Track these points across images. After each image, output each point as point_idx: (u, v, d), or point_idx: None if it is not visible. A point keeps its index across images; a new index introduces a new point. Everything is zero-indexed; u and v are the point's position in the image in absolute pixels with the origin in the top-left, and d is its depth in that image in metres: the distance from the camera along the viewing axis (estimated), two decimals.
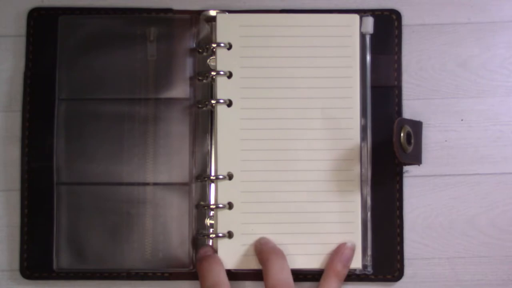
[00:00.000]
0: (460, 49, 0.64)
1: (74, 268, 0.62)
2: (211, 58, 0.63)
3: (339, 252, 0.60)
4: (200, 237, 0.62)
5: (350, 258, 0.60)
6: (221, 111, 0.62)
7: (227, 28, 0.62)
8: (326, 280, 0.59)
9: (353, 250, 0.60)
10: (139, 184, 0.62)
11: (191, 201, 0.62)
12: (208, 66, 0.63)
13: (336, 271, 0.59)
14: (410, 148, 0.60)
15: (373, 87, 0.63)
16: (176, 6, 0.64)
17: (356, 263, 0.61)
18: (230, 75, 0.62)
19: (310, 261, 0.61)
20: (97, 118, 0.62)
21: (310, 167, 0.61)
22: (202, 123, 0.63)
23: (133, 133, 0.62)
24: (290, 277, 0.58)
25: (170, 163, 0.62)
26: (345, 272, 0.60)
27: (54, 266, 0.62)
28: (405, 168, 0.63)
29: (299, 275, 0.62)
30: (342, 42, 0.62)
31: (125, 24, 0.63)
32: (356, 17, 0.62)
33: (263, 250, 0.59)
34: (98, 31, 0.63)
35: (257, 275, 0.62)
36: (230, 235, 0.61)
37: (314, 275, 0.62)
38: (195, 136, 0.62)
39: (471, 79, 0.64)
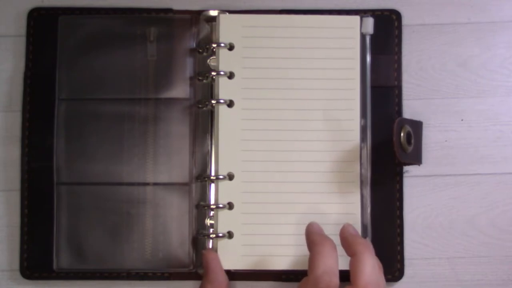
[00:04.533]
0: (460, 49, 0.64)
1: (74, 268, 0.62)
2: (211, 58, 0.63)
3: (345, 231, 0.58)
4: (200, 237, 0.62)
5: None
6: (222, 112, 0.62)
7: (229, 28, 0.62)
8: (359, 257, 0.55)
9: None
10: (139, 184, 0.62)
11: (191, 201, 0.62)
12: (208, 66, 0.63)
13: (365, 245, 0.56)
14: (410, 148, 0.60)
15: (373, 87, 0.63)
16: (176, 6, 0.64)
17: None
18: (231, 76, 0.62)
19: None
20: (97, 118, 0.62)
21: (310, 168, 0.61)
22: (202, 123, 0.63)
23: (133, 133, 0.62)
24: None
25: (170, 163, 0.62)
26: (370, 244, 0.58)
27: (54, 266, 0.62)
28: (405, 168, 0.63)
29: (298, 275, 0.62)
30: (343, 44, 0.62)
31: (125, 24, 0.63)
32: (357, 18, 0.62)
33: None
34: (98, 31, 0.63)
35: (257, 275, 0.62)
36: (230, 235, 0.61)
37: None
38: (195, 136, 0.63)
39: (471, 79, 0.64)
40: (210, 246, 0.61)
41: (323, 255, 0.54)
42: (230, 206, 0.61)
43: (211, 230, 0.61)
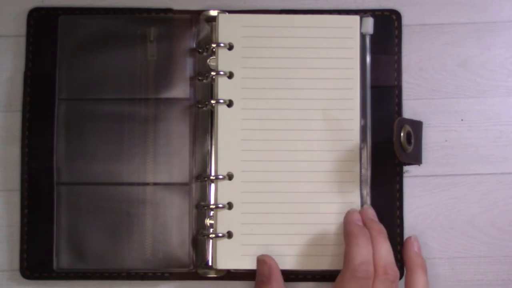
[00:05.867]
0: (460, 49, 0.64)
1: (74, 268, 0.62)
2: (211, 58, 0.63)
3: (412, 247, 0.60)
4: (200, 237, 0.62)
5: (420, 249, 0.61)
6: (222, 111, 0.62)
7: (228, 28, 0.62)
8: (415, 275, 0.59)
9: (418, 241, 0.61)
10: (139, 184, 0.62)
11: (191, 201, 0.62)
12: (208, 66, 0.63)
13: (420, 264, 0.59)
14: (410, 148, 0.60)
15: (373, 87, 0.63)
16: (176, 6, 0.64)
17: None
18: (230, 75, 0.62)
19: (311, 262, 0.61)
20: (97, 118, 0.62)
21: (310, 168, 0.61)
22: (202, 123, 0.63)
23: (133, 133, 0.62)
24: None
25: (170, 163, 0.62)
26: (425, 262, 0.60)
27: (54, 266, 0.62)
28: (405, 168, 0.63)
29: (298, 275, 0.62)
30: (343, 44, 0.62)
31: (125, 24, 0.63)
32: (356, 18, 0.62)
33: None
34: (98, 31, 0.63)
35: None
36: (229, 235, 0.61)
37: (314, 275, 0.62)
38: (195, 136, 0.63)
39: (471, 79, 0.64)
40: (210, 246, 0.61)
41: (360, 246, 0.57)
42: (230, 206, 0.61)
43: (211, 230, 0.61)
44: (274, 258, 0.60)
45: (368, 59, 0.63)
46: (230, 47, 0.62)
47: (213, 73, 0.62)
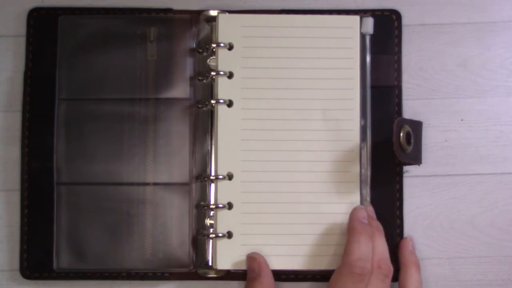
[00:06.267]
0: (460, 49, 0.64)
1: (74, 268, 0.62)
2: (211, 58, 0.63)
3: (406, 246, 0.61)
4: (200, 237, 0.62)
5: (415, 248, 0.62)
6: (222, 111, 0.62)
7: (228, 28, 0.62)
8: (409, 272, 0.60)
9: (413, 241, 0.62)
10: (139, 184, 0.62)
11: (191, 201, 0.62)
12: (208, 66, 0.63)
13: (414, 262, 0.61)
14: (409, 148, 0.60)
15: (373, 87, 0.63)
16: (176, 6, 0.65)
17: None
18: (230, 75, 0.62)
19: (311, 262, 0.61)
20: (97, 118, 0.62)
21: (310, 168, 0.61)
22: (202, 123, 0.63)
23: (133, 133, 0.62)
24: None
25: (170, 163, 0.62)
26: (418, 261, 0.61)
27: (54, 266, 0.62)
28: (405, 168, 0.63)
29: (298, 275, 0.62)
30: (343, 44, 0.62)
31: (125, 24, 0.63)
32: (356, 18, 0.62)
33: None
34: (98, 31, 0.63)
35: None
36: (229, 235, 0.61)
37: (314, 275, 0.62)
38: (195, 136, 0.63)
39: (471, 79, 0.64)
40: (210, 246, 0.61)
41: (360, 243, 0.58)
42: (230, 206, 0.61)
43: (211, 230, 0.61)
44: (274, 258, 0.60)
45: (368, 59, 0.63)
46: (230, 47, 0.62)
47: (213, 73, 0.62)
